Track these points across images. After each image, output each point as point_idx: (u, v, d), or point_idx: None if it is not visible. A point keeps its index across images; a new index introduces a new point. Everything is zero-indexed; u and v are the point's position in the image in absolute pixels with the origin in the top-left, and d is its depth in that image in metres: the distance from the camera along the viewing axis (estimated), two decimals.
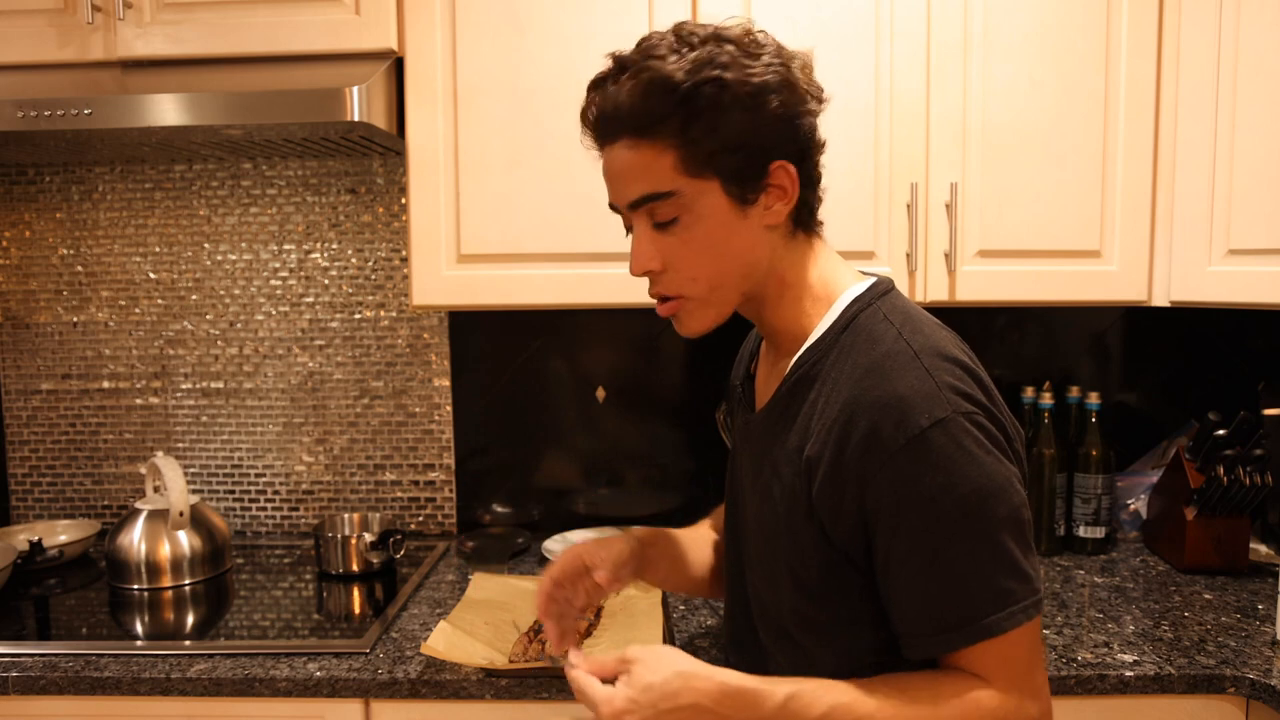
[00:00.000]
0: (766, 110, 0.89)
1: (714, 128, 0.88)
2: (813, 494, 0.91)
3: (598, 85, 0.95)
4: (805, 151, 0.94)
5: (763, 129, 0.90)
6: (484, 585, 1.60)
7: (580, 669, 0.91)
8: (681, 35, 0.91)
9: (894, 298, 0.97)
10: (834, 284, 0.98)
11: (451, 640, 1.35)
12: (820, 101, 0.95)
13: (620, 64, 0.92)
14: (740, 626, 1.07)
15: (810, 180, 0.96)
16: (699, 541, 1.24)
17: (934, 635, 0.87)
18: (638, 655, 0.89)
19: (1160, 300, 1.63)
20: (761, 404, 1.03)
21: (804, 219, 0.97)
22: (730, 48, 0.89)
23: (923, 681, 0.89)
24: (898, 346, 0.90)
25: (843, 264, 1.01)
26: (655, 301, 0.98)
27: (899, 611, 0.89)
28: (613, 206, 0.98)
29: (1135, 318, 1.96)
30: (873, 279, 1.00)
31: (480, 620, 1.44)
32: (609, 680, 0.90)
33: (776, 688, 0.87)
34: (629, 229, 0.98)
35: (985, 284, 1.61)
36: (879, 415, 0.86)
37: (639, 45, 0.93)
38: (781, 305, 0.98)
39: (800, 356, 0.97)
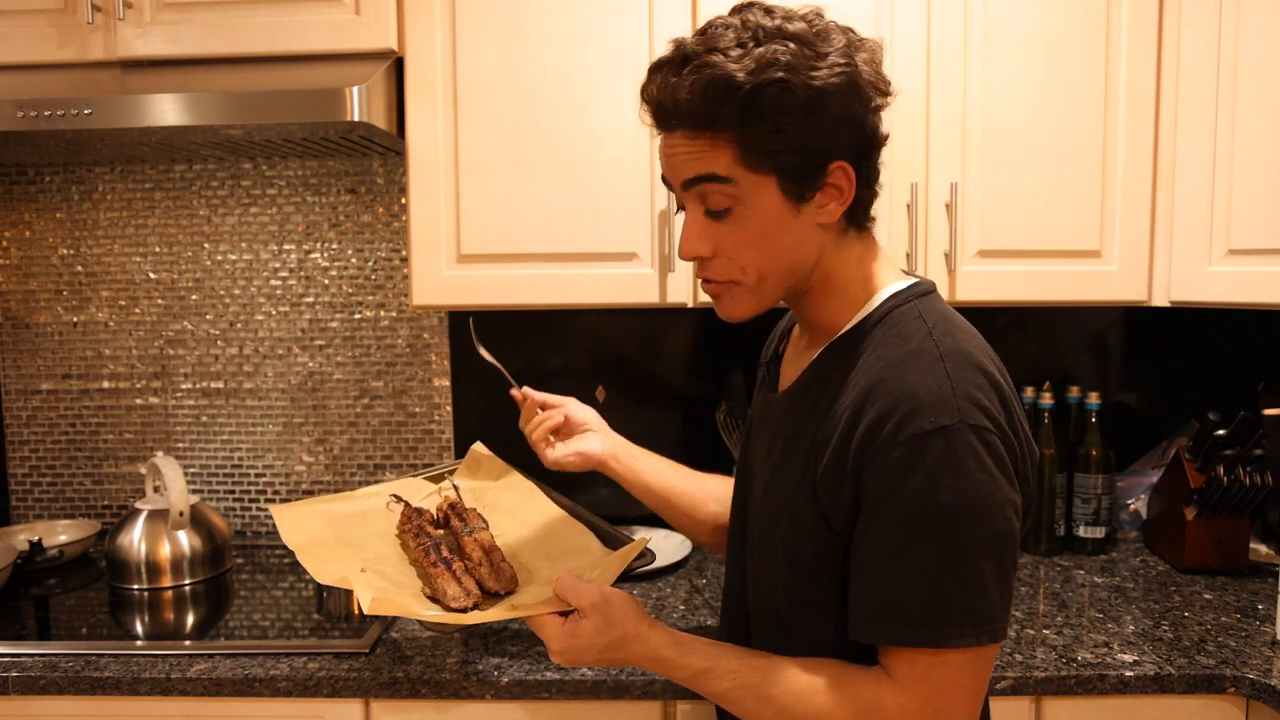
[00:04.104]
0: (828, 114, 0.88)
1: (774, 129, 0.87)
2: (817, 475, 0.92)
3: (659, 69, 0.92)
4: (866, 151, 0.93)
5: (823, 132, 0.89)
6: (297, 523, 1.17)
7: (540, 613, 0.98)
8: (747, 25, 0.89)
9: (933, 300, 0.97)
10: (876, 281, 0.98)
11: (388, 596, 1.05)
12: (886, 95, 0.93)
13: (683, 54, 0.89)
14: (735, 603, 1.09)
15: (868, 179, 0.95)
16: (690, 474, 1.31)
17: (873, 623, 0.88)
18: (595, 606, 0.94)
19: (1160, 300, 1.63)
20: (784, 386, 1.04)
21: (857, 217, 0.96)
22: (794, 46, 0.87)
23: (836, 673, 0.90)
24: (925, 345, 0.90)
25: (888, 261, 1.01)
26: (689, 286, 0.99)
27: (854, 590, 0.90)
28: (665, 181, 0.97)
29: (1135, 318, 1.96)
30: (915, 279, 1.00)
31: (354, 568, 1.10)
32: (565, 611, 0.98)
33: (690, 659, 0.95)
34: (680, 207, 0.98)
35: (985, 284, 1.61)
36: (888, 407, 0.86)
37: (703, 32, 0.91)
38: (823, 299, 0.98)
39: (830, 346, 0.98)
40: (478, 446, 1.38)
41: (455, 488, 1.31)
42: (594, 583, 0.98)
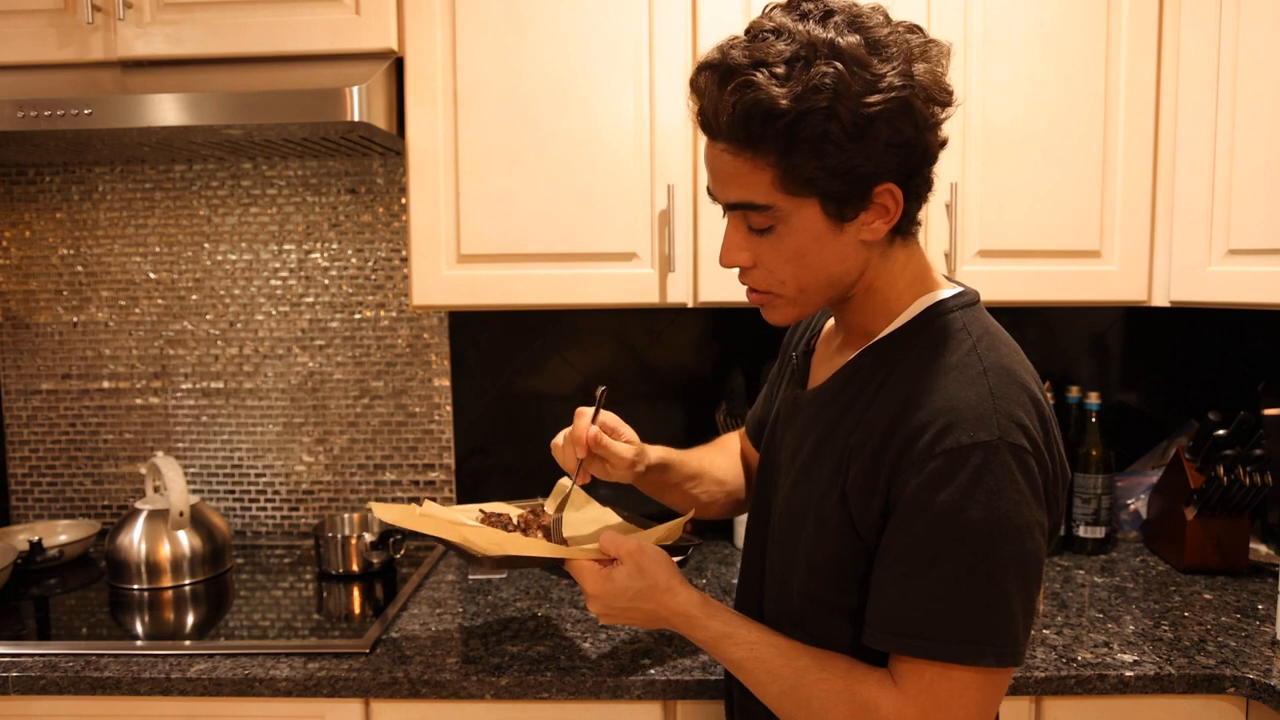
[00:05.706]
0: (876, 139, 0.85)
1: (816, 156, 0.85)
2: (848, 479, 0.91)
3: (703, 70, 0.89)
4: (917, 168, 0.90)
5: (869, 157, 0.85)
6: (389, 512, 1.29)
7: (581, 557, 1.04)
8: (799, 34, 0.84)
9: (977, 311, 0.96)
10: (919, 286, 0.97)
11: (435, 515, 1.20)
12: (947, 106, 0.89)
13: (727, 65, 0.86)
14: (749, 598, 1.08)
15: (917, 193, 0.92)
16: (710, 453, 1.33)
17: (889, 631, 0.87)
18: (630, 554, 1.00)
19: (1160, 300, 1.63)
20: (815, 384, 1.03)
21: (904, 227, 0.93)
22: (843, 68, 0.82)
23: (844, 667, 0.91)
24: (969, 359, 0.89)
25: (932, 268, 1.00)
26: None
27: (874, 597, 0.89)
28: (709, 193, 0.96)
29: (1135, 318, 1.96)
30: (959, 287, 0.99)
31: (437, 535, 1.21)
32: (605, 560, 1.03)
33: (713, 622, 0.97)
34: (724, 213, 0.96)
35: (985, 284, 1.59)
36: (928, 418, 0.86)
37: (751, 37, 0.86)
38: (865, 304, 0.97)
39: (868, 349, 0.97)
40: (564, 480, 1.40)
41: (542, 510, 1.38)
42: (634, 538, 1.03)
